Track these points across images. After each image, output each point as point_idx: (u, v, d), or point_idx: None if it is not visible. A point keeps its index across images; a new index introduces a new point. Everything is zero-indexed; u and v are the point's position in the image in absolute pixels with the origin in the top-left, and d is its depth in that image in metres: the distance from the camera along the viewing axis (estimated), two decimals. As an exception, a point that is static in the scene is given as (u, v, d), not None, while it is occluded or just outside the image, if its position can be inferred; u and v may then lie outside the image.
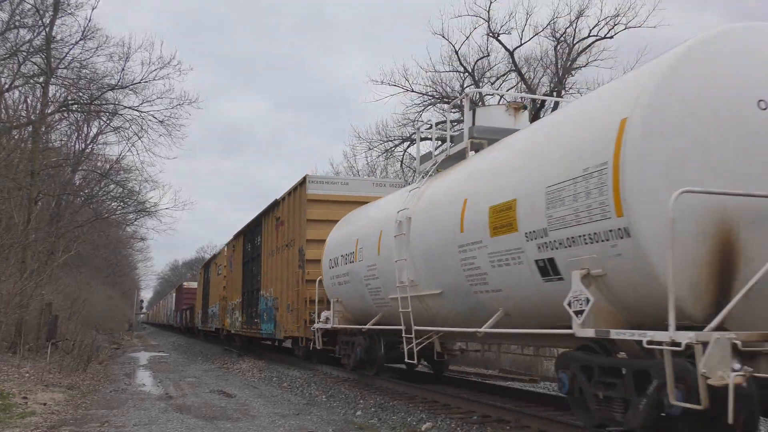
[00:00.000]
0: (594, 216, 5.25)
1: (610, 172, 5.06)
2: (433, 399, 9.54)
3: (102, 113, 22.52)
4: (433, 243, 8.16)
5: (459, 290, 7.69)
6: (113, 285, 51.85)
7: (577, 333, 5.42)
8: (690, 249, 4.69)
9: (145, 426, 7.72)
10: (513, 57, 25.32)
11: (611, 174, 5.05)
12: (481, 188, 7.23)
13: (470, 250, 7.20)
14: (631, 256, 4.96)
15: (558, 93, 24.61)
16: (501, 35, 25.01)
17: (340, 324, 11.91)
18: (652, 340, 4.65)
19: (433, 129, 10.28)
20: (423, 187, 9.22)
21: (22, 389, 9.98)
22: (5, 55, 19.12)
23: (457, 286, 7.70)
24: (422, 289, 8.63)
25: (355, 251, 10.94)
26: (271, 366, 16.49)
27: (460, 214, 7.42)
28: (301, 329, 13.95)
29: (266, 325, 16.87)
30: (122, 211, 30.08)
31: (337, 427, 7.73)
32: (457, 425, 7.52)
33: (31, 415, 8.16)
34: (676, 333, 4.43)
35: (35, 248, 19.73)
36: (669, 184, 4.65)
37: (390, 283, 9.50)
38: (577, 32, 24.56)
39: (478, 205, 7.11)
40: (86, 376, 13.31)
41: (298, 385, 12.18)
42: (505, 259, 6.61)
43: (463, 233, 7.33)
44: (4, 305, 14.53)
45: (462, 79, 26.81)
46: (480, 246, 6.99)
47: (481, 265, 7.03)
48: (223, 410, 9.05)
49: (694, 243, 4.71)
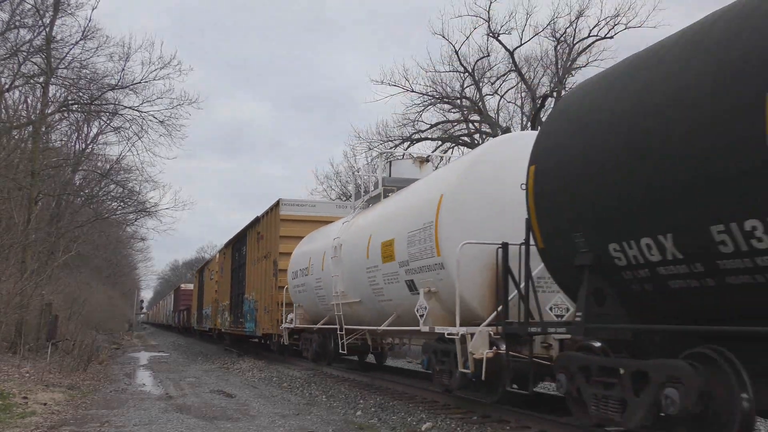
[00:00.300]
0: (428, 254, 8.52)
1: (434, 227, 8.30)
2: (433, 399, 9.55)
3: (102, 113, 22.52)
4: (353, 265, 11.33)
5: (370, 299, 10.89)
6: (113, 285, 51.86)
7: (421, 329, 8.67)
8: (477, 277, 7.85)
9: (146, 426, 7.72)
10: (513, 57, 25.34)
11: (434, 229, 8.29)
12: (379, 228, 10.42)
13: (372, 272, 10.43)
14: (446, 281, 8.15)
15: (558, 93, 24.62)
16: (501, 35, 25.06)
17: (300, 324, 15.04)
18: (450, 333, 7.86)
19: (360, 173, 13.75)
20: (352, 220, 12.38)
21: (22, 389, 9.98)
22: (5, 55, 19.13)
23: (368, 296, 10.90)
24: (349, 298, 11.73)
25: (309, 266, 14.05)
26: (271, 366, 16.51)
27: (367, 245, 10.61)
28: (274, 327, 16.57)
29: (249, 324, 19.10)
30: (122, 211, 30.09)
31: (337, 427, 7.74)
32: (457, 425, 7.52)
33: (31, 415, 8.16)
34: (459, 328, 7.62)
35: (35, 248, 19.74)
36: (461, 238, 7.72)
37: (330, 292, 12.49)
38: (577, 32, 24.63)
39: (376, 240, 10.27)
40: (86, 376, 13.32)
41: (298, 385, 12.19)
42: (390, 279, 9.85)
43: (368, 259, 10.52)
44: (4, 305, 14.53)
45: (462, 79, 26.85)
46: (377, 269, 10.21)
47: (379, 282, 10.27)
48: (223, 410, 9.06)
49: (479, 273, 7.85)
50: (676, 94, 4.57)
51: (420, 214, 8.80)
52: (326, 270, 12.72)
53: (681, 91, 4.53)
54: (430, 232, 8.36)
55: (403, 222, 9.41)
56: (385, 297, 10.24)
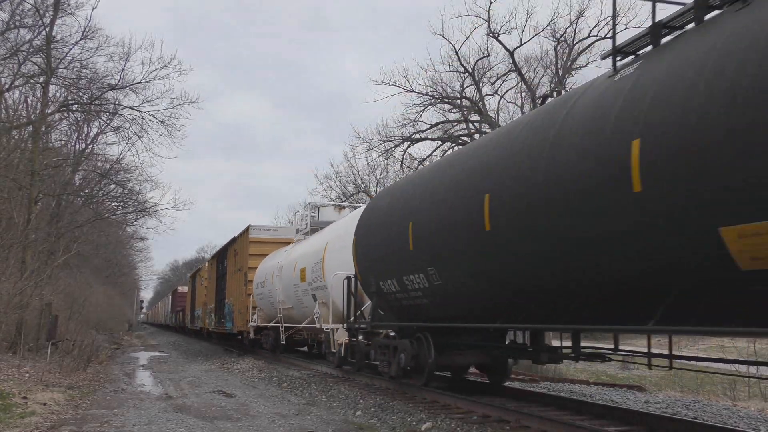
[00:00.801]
0: (320, 279, 13.76)
1: (322, 263, 13.66)
2: (433, 399, 9.55)
3: (102, 113, 22.50)
4: (288, 281, 16.32)
5: (297, 306, 16.05)
6: (113, 285, 51.87)
7: (315, 326, 14.24)
8: (344, 295, 12.14)
9: (145, 426, 7.72)
10: (513, 57, 25.33)
11: (322, 264, 13.66)
12: (301, 258, 15.51)
13: (297, 287, 15.65)
14: (329, 296, 13.32)
15: (558, 93, 24.61)
16: (501, 35, 25.05)
17: (261, 323, 19.73)
18: (328, 328, 13.49)
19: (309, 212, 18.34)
20: (291, 249, 17.59)
21: (22, 389, 9.98)
22: (5, 55, 19.12)
23: (296, 304, 16.05)
24: (286, 305, 16.79)
25: (265, 280, 18.69)
26: (270, 366, 16.51)
27: (294, 269, 15.79)
28: (245, 326, 21.01)
29: (228, 324, 23.57)
30: (122, 211, 30.07)
31: (337, 427, 7.73)
32: (457, 425, 7.52)
33: (31, 415, 8.16)
34: (330, 325, 13.47)
35: (35, 248, 19.73)
36: (335, 270, 12.85)
37: (276, 300, 17.46)
38: (577, 32, 24.63)
39: (299, 266, 15.39)
40: (86, 376, 13.31)
41: (298, 385, 12.19)
42: (305, 293, 15.12)
43: (294, 278, 15.68)
44: (4, 305, 14.53)
45: (462, 79, 26.84)
46: (299, 286, 15.45)
47: (300, 295, 15.50)
48: (223, 410, 9.05)
49: (345, 293, 12.13)
50: (400, 205, 9.56)
51: (317, 253, 14.28)
52: (274, 284, 17.48)
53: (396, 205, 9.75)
54: (321, 265, 13.84)
55: (310, 256, 14.79)
56: (304, 305, 15.47)
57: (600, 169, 5.14)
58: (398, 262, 9.20)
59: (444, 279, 8.11)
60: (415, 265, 8.66)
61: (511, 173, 6.48)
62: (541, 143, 6.05)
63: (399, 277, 9.31)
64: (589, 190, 5.25)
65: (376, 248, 10.16)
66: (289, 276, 16.04)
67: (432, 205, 8.27)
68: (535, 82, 26.19)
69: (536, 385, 12.32)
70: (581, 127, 5.51)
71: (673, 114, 4.50)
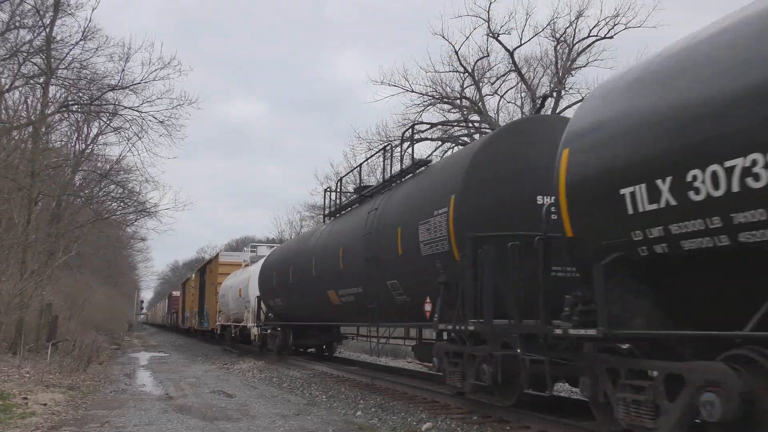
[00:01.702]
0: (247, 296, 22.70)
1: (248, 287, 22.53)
2: (433, 399, 9.56)
3: (102, 114, 22.44)
4: (234, 294, 24.12)
5: (239, 312, 23.60)
6: (113, 285, 51.80)
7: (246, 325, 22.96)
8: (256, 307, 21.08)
9: (145, 426, 7.72)
10: (513, 57, 25.32)
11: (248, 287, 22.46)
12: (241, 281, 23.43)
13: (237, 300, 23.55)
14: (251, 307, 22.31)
15: (558, 93, 24.63)
16: (501, 35, 25.02)
17: (223, 323, 26.65)
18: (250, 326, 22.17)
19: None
20: (239, 273, 24.85)
21: (22, 390, 9.98)
22: (5, 55, 19.10)
23: (238, 310, 23.77)
24: (234, 311, 24.38)
25: (225, 294, 25.97)
26: (271, 366, 16.52)
27: (237, 288, 23.62)
28: (214, 324, 28.53)
29: (205, 323, 31.58)
30: (122, 211, 29.99)
31: (337, 427, 7.74)
32: (457, 425, 7.52)
33: (31, 416, 8.16)
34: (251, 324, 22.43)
35: (35, 249, 19.73)
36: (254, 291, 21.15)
37: (229, 307, 24.97)
38: (577, 32, 24.61)
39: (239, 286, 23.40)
40: (86, 377, 13.31)
41: (298, 386, 12.20)
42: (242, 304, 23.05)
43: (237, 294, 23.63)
44: (5, 306, 14.53)
45: (462, 79, 26.81)
46: (238, 299, 23.44)
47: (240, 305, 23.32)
48: (223, 410, 9.06)
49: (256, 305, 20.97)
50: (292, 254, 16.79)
51: (246, 280, 22.19)
52: (228, 296, 25.32)
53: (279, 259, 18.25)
54: (248, 288, 21.77)
55: (244, 281, 22.59)
56: (241, 311, 23.07)
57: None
58: (280, 290, 17.36)
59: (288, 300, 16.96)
60: (277, 292, 17.75)
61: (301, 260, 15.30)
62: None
63: (280, 297, 17.56)
64: None
65: (268, 281, 18.37)
66: (235, 292, 24.03)
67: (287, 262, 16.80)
68: (535, 82, 26.18)
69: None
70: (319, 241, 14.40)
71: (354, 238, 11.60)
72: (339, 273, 12.35)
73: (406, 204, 9.96)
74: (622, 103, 5.35)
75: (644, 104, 5.03)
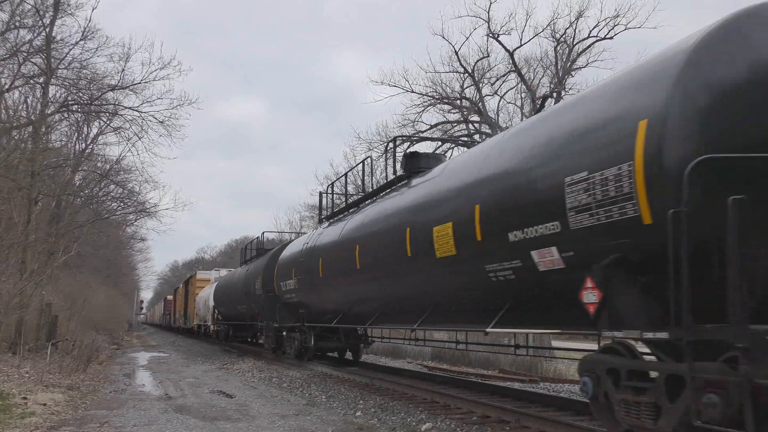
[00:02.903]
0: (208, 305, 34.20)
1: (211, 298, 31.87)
2: (433, 399, 9.56)
3: (102, 113, 22.45)
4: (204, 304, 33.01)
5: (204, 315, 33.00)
6: (113, 285, 51.85)
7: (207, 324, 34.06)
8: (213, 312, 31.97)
9: (145, 426, 7.72)
10: (513, 58, 25.29)
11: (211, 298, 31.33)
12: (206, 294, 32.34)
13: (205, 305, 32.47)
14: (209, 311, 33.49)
15: (558, 94, 24.59)
16: (501, 36, 24.98)
17: (198, 322, 35.02)
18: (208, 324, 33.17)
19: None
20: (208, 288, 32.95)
21: (22, 390, 9.98)
22: (5, 55, 19.09)
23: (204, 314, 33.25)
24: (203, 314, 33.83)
25: (197, 301, 35.00)
26: (270, 366, 16.51)
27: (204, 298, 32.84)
28: (192, 323, 37.07)
29: (187, 322, 40.02)
30: (122, 211, 30.04)
31: (337, 427, 7.73)
32: (457, 426, 7.52)
33: (31, 416, 8.16)
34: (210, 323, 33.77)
35: (35, 249, 19.71)
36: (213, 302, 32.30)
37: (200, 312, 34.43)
38: (577, 33, 24.57)
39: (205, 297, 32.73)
40: (86, 377, 13.30)
41: (297, 386, 12.19)
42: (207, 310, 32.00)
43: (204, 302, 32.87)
44: (4, 305, 14.52)
45: (462, 79, 26.78)
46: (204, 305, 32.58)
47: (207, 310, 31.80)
48: (222, 411, 9.06)
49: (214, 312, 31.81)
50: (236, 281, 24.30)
51: (209, 293, 30.85)
52: (200, 303, 33.53)
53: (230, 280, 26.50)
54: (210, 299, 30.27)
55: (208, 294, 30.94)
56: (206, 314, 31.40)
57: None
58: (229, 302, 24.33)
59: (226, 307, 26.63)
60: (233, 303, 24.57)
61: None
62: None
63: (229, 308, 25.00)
64: None
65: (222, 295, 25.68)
66: (203, 301, 32.46)
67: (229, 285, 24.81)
68: (535, 82, 26.14)
69: (536, 385, 12.34)
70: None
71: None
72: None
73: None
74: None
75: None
